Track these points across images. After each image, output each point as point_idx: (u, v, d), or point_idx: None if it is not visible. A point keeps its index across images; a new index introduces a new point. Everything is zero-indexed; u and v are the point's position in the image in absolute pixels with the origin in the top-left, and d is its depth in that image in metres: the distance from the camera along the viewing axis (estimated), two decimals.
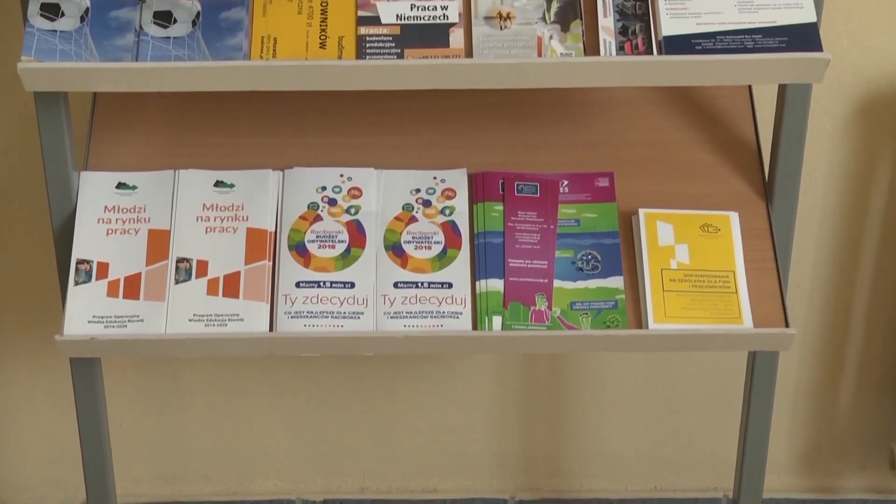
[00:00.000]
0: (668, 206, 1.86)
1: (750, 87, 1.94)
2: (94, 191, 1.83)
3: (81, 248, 1.80)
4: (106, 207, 1.82)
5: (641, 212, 1.84)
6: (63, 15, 1.66)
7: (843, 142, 2.19)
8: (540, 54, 1.68)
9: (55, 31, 1.66)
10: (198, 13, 1.68)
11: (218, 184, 1.84)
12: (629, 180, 1.88)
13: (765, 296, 1.81)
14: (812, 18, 1.68)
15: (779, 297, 1.81)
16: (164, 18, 1.68)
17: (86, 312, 1.77)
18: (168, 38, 1.67)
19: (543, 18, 1.70)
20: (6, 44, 2.09)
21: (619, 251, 1.83)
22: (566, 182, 1.87)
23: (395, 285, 1.80)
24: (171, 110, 1.91)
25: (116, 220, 1.82)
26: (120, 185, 1.84)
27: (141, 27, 1.67)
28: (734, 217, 1.85)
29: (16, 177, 2.19)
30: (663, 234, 1.83)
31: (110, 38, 1.66)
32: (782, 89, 1.81)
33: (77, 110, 1.94)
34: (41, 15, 1.66)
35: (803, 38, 1.67)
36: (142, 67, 1.64)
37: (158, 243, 1.80)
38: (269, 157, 1.88)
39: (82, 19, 1.66)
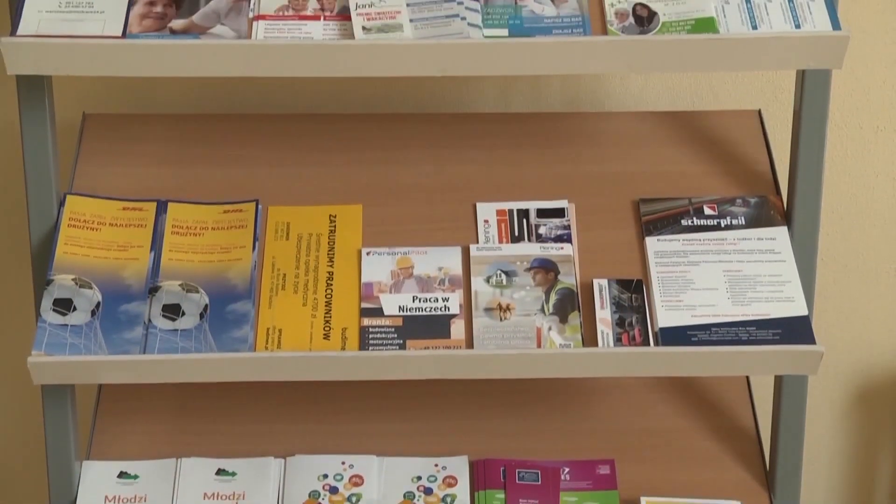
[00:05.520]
0: (669, 494, 1.86)
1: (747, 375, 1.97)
2: (96, 481, 1.83)
3: None
4: (107, 498, 1.82)
5: (643, 500, 1.84)
6: (75, 309, 1.70)
7: (843, 428, 2.20)
8: (539, 345, 1.71)
9: (66, 325, 1.69)
10: (206, 306, 1.72)
11: (220, 472, 1.85)
12: (630, 467, 1.89)
13: None
14: (804, 312, 1.72)
15: None
16: (172, 311, 1.71)
17: None
18: (176, 330, 1.70)
19: (542, 310, 1.73)
20: (14, 333, 2.12)
21: None
22: (567, 469, 1.88)
23: None
24: (175, 398, 1.93)
25: None
26: (122, 475, 1.84)
27: (150, 320, 1.71)
28: None
29: (17, 465, 2.19)
30: None
31: (119, 332, 1.69)
32: (779, 378, 1.84)
33: (81, 395, 1.96)
34: (53, 310, 1.70)
35: (796, 330, 1.70)
36: (149, 360, 1.67)
37: None
38: (271, 445, 1.89)
39: (93, 313, 1.70)
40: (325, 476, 1.86)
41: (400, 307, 1.74)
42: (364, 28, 1.63)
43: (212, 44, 1.61)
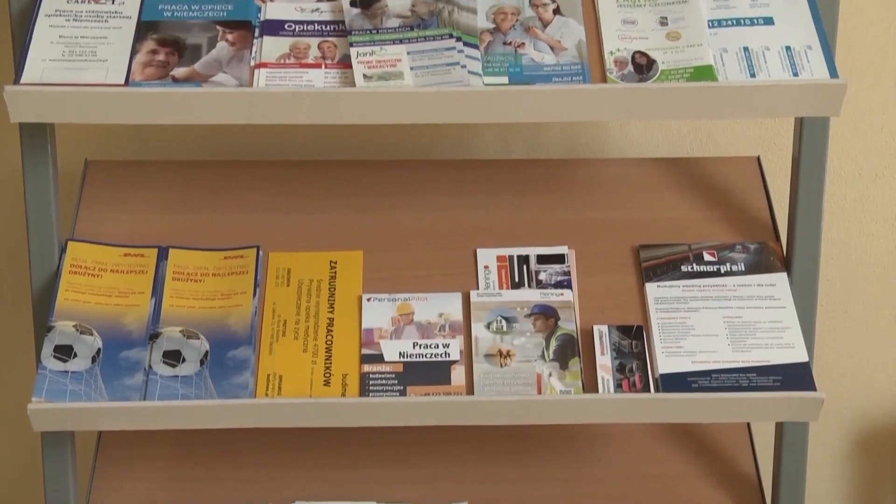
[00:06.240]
0: None
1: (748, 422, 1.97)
2: None
3: None
4: None
5: None
6: (75, 356, 1.70)
7: (845, 475, 2.20)
8: (540, 391, 1.71)
9: (66, 371, 1.69)
10: (206, 352, 1.72)
11: None
12: None
13: None
14: (804, 358, 1.72)
15: None
16: (173, 358, 1.72)
17: None
18: (176, 376, 1.70)
19: (543, 356, 1.74)
20: (14, 379, 2.12)
21: None
22: None
23: None
24: (175, 444, 1.93)
25: None
26: None
27: (150, 366, 1.71)
28: None
29: None
30: None
31: (120, 378, 1.70)
32: (780, 424, 1.84)
33: (81, 442, 1.96)
34: (54, 357, 1.70)
35: (797, 377, 1.70)
36: (149, 407, 1.67)
37: None
38: (271, 491, 1.89)
39: (94, 360, 1.70)
40: None
41: (400, 353, 1.74)
42: (365, 76, 1.64)
43: (214, 92, 1.62)
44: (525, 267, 1.82)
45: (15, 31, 1.70)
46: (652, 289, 1.79)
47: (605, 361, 1.74)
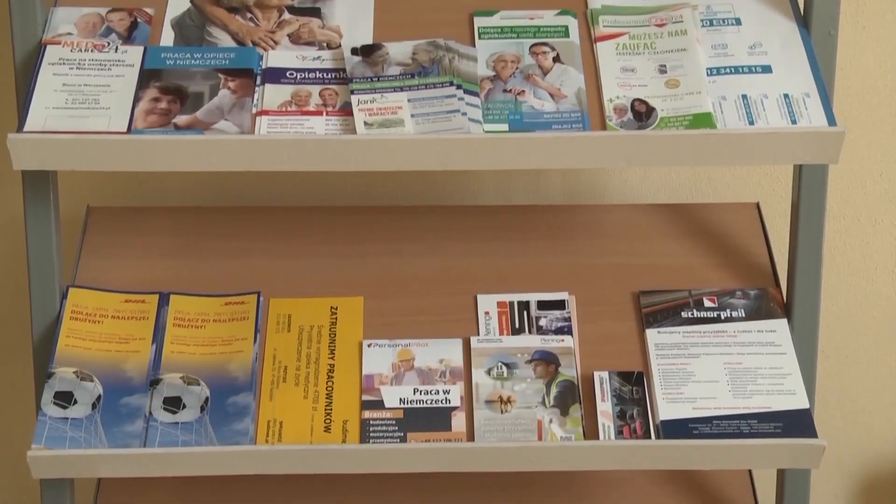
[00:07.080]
0: None
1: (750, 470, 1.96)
2: None
3: None
4: None
5: None
6: (75, 402, 1.70)
7: None
8: (540, 438, 1.71)
9: (66, 418, 1.69)
10: (206, 398, 1.72)
11: None
12: None
13: None
14: (805, 405, 1.72)
15: None
16: (173, 404, 1.72)
17: None
18: (176, 423, 1.70)
19: (543, 402, 1.74)
20: (14, 426, 2.12)
21: None
22: None
23: None
24: (175, 491, 1.93)
25: None
26: None
27: (151, 413, 1.71)
28: None
29: None
30: None
31: (120, 425, 1.70)
32: (781, 471, 1.84)
33: (80, 488, 1.95)
34: (54, 403, 1.70)
35: (798, 423, 1.70)
36: (149, 454, 1.67)
37: None
38: None
39: (94, 406, 1.70)
40: None
41: (401, 399, 1.74)
42: (366, 123, 1.65)
43: (216, 139, 1.63)
44: (525, 313, 1.82)
45: (18, 78, 1.71)
46: (652, 335, 1.80)
47: (605, 408, 1.74)
